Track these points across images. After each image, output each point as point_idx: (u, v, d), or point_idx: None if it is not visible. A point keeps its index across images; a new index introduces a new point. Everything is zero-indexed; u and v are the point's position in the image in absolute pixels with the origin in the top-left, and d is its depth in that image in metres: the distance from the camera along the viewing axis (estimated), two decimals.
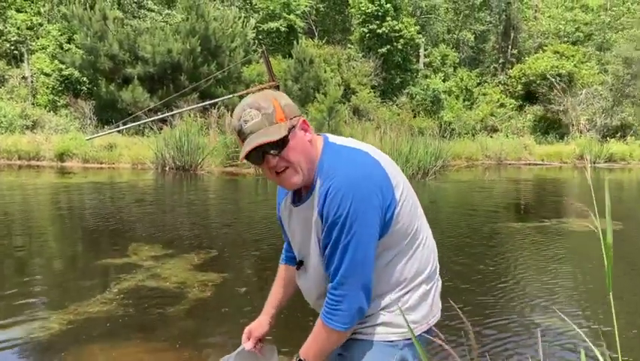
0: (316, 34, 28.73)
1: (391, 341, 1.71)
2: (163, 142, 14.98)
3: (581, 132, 24.05)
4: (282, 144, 1.59)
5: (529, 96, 27.07)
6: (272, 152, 1.60)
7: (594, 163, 20.44)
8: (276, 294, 2.06)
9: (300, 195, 1.74)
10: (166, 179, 14.00)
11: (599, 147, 20.90)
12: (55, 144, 15.96)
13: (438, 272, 1.84)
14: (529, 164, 20.53)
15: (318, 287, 1.77)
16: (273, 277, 2.11)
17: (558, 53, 27.24)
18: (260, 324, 2.04)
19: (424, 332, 1.75)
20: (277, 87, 13.74)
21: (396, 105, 25.58)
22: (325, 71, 22.72)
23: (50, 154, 15.85)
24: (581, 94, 25.13)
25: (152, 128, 16.40)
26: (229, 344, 3.88)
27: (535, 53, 28.91)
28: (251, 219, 8.68)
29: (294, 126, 1.62)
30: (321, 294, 1.74)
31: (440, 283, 1.85)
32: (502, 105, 27.29)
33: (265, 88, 14.12)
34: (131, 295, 4.68)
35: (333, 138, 1.73)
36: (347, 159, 1.64)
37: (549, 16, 32.78)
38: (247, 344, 2.00)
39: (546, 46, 29.06)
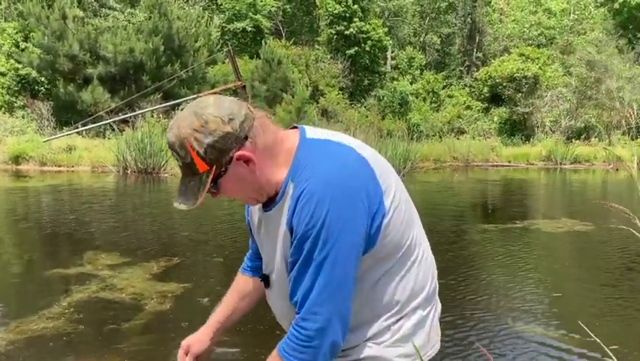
0: (284, 34, 28.42)
1: None
2: (124, 144, 14.42)
3: (546, 134, 24.28)
4: (214, 190, 1.34)
5: (494, 98, 27.25)
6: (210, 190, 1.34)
7: (560, 164, 20.63)
8: (226, 307, 1.73)
9: (272, 199, 1.41)
10: (127, 182, 13.48)
11: (565, 149, 21.09)
12: (9, 147, 15.22)
13: (437, 293, 1.53)
14: (497, 165, 20.60)
15: (289, 311, 1.44)
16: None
17: (523, 55, 27.51)
18: (199, 339, 1.71)
19: None
20: (244, 87, 13.40)
21: (365, 107, 25.45)
22: (293, 72, 22.41)
23: (4, 157, 15.11)
24: (546, 96, 25.41)
25: (113, 130, 15.82)
26: None
27: (501, 55, 29.16)
28: (215, 224, 8.31)
29: (223, 170, 1.31)
30: (292, 314, 1.43)
31: (440, 306, 1.54)
32: (468, 107, 27.42)
33: (231, 88, 13.75)
34: (82, 309, 4.28)
35: (311, 132, 1.41)
36: (325, 156, 1.32)
37: (514, 20, 33.15)
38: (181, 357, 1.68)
39: (511, 49, 29.35)
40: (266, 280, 1.52)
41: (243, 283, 1.73)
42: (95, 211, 9.27)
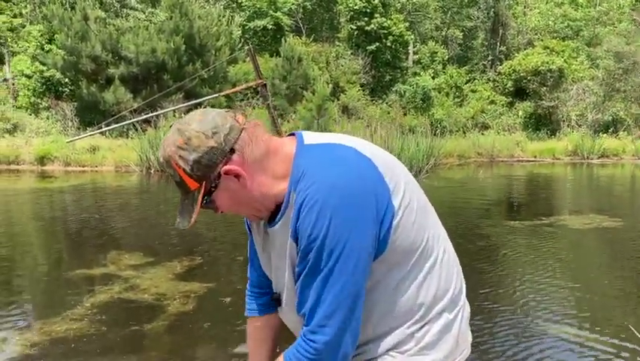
0: (304, 32, 28.31)
1: None
2: (147, 144, 14.50)
3: (572, 128, 23.82)
4: (209, 206, 1.31)
5: (519, 93, 26.81)
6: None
7: (587, 159, 20.22)
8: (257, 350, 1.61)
9: (275, 214, 1.33)
10: (151, 182, 13.55)
11: (592, 143, 20.66)
12: (35, 148, 15.43)
13: (464, 295, 1.42)
14: (522, 161, 20.27)
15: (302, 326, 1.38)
16: None
17: (548, 48, 27.02)
18: None
19: None
20: (264, 86, 13.35)
21: (386, 103, 25.25)
22: (313, 70, 22.32)
23: (30, 158, 15.31)
24: (572, 89, 24.92)
25: (136, 130, 15.92)
26: None
27: (525, 49, 28.68)
28: (238, 223, 8.27)
29: (214, 186, 1.25)
30: None
31: (468, 308, 1.43)
32: (492, 102, 27.03)
33: (252, 86, 13.74)
34: (105, 310, 4.26)
35: (309, 138, 1.32)
36: (326, 161, 1.24)
37: (539, 12, 32.56)
38: None
39: (535, 42, 28.86)
40: (276, 298, 1.46)
41: (259, 331, 1.60)
42: (118, 211, 9.31)
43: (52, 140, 15.93)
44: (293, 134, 1.35)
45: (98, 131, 14.54)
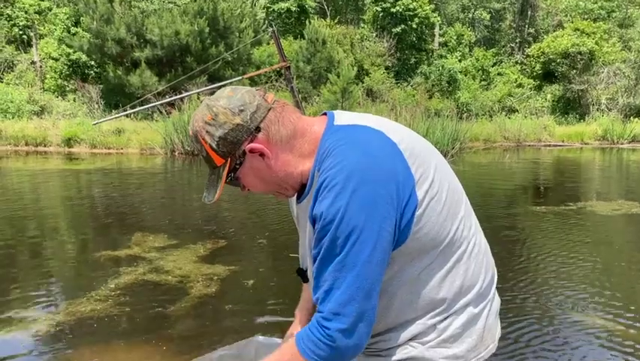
0: (328, 13, 28.06)
1: None
2: (172, 126, 14.59)
3: (602, 112, 23.27)
4: (234, 184, 1.32)
5: (547, 76, 26.27)
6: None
7: (616, 144, 19.77)
8: (301, 316, 1.68)
9: (302, 191, 1.32)
10: (175, 164, 13.63)
11: (622, 127, 20.17)
12: (62, 130, 15.64)
13: (494, 289, 1.37)
14: (549, 145, 19.90)
15: None
16: (285, 268, 1.70)
17: (578, 30, 26.33)
18: None
19: None
20: (288, 68, 13.28)
21: (411, 86, 24.96)
22: (338, 52, 22.13)
23: (57, 140, 15.54)
24: (603, 72, 24.31)
25: (160, 113, 16.02)
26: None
27: (554, 31, 28.02)
28: (263, 207, 8.27)
29: (239, 163, 1.25)
30: None
31: (498, 301, 1.38)
32: (519, 85, 26.55)
33: (276, 69, 13.67)
34: (129, 292, 4.29)
35: (339, 118, 1.29)
36: (351, 143, 1.20)
37: None
38: None
39: (565, 23, 28.15)
40: (303, 274, 1.45)
41: (305, 293, 1.68)
42: (143, 193, 9.39)
43: (78, 122, 16.12)
44: (325, 114, 1.33)
45: (124, 113, 14.66)
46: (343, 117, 1.29)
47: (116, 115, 13.81)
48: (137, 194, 9.27)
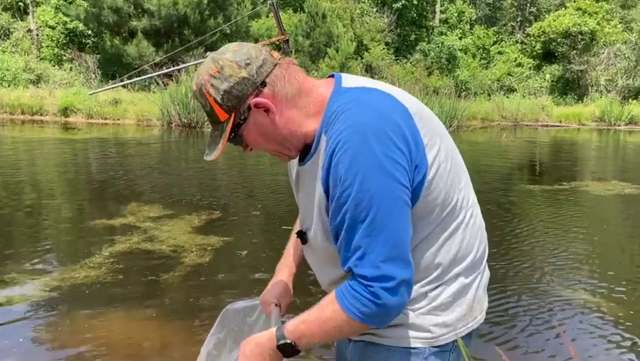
0: None
1: (413, 348, 1.28)
2: (169, 98, 14.51)
3: (600, 93, 23.20)
4: (236, 141, 1.28)
5: (547, 56, 26.12)
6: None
7: (614, 125, 19.76)
8: (294, 250, 1.63)
9: (306, 153, 1.29)
10: (172, 136, 13.60)
11: (620, 109, 20.14)
12: (58, 99, 15.54)
13: (485, 262, 1.37)
14: (547, 125, 19.89)
15: (328, 270, 1.34)
16: (278, 239, 1.69)
17: (581, 9, 26.12)
18: (285, 292, 1.58)
19: (463, 338, 1.31)
20: (287, 41, 13.16)
21: (410, 63, 24.80)
22: (337, 27, 21.92)
23: (54, 109, 15.45)
24: (603, 53, 24.18)
25: (157, 84, 15.92)
26: None
27: (556, 10, 27.77)
28: (258, 180, 8.30)
29: (243, 119, 1.23)
30: (335, 280, 1.31)
31: (487, 275, 1.39)
32: (519, 65, 26.41)
33: (275, 42, 13.53)
34: (122, 260, 4.32)
35: (348, 81, 1.27)
36: (362, 105, 1.18)
37: None
38: (276, 311, 1.52)
39: (567, 2, 27.89)
40: (302, 236, 1.40)
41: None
42: (139, 164, 9.39)
43: (75, 92, 16.02)
44: (332, 76, 1.31)
45: (121, 84, 14.58)
46: (351, 80, 1.28)
47: (113, 85, 13.74)
48: (133, 164, 9.27)
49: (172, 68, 12.75)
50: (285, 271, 1.62)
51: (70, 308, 3.47)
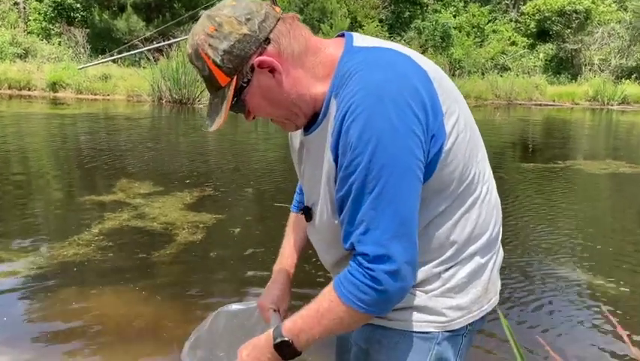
0: None
1: (426, 333, 1.20)
2: (159, 73, 14.27)
3: (594, 73, 23.13)
4: (239, 108, 1.15)
5: (541, 34, 25.91)
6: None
7: (607, 105, 19.74)
8: (291, 249, 1.51)
9: (312, 120, 1.19)
10: (162, 112, 13.42)
11: (613, 89, 20.10)
12: (47, 74, 15.25)
13: (500, 241, 1.29)
14: (540, 104, 19.83)
15: (334, 250, 1.23)
16: (271, 216, 1.60)
17: None
18: (283, 295, 1.46)
19: (476, 322, 1.24)
20: None
21: (404, 40, 24.55)
22: (331, 2, 21.60)
23: (42, 84, 15.17)
24: (597, 32, 24.04)
25: (148, 59, 15.66)
26: (216, 293, 3.49)
27: None
28: (249, 156, 8.20)
29: (245, 82, 1.10)
30: (340, 260, 1.22)
31: (502, 254, 1.31)
32: (513, 43, 26.22)
33: None
34: (113, 237, 4.24)
35: (359, 40, 1.16)
36: (376, 65, 1.07)
37: None
38: (275, 316, 1.41)
39: None
40: (307, 212, 1.30)
41: (298, 223, 1.51)
42: (129, 140, 9.25)
43: (63, 66, 15.72)
44: (342, 35, 1.19)
45: (110, 58, 14.34)
46: (363, 39, 1.16)
47: (103, 60, 13.51)
48: (124, 141, 9.13)
49: (162, 43, 12.53)
50: (282, 273, 1.50)
51: (59, 286, 3.39)
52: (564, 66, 24.78)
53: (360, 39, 1.16)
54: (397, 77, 1.05)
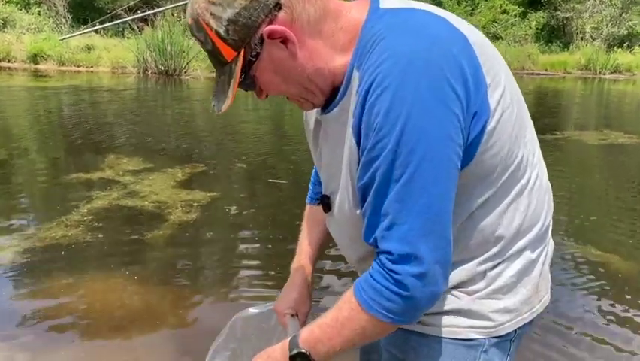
0: None
1: (470, 340, 1.04)
2: (145, 44, 13.85)
3: (586, 41, 22.93)
4: (249, 85, 0.98)
5: (533, 2, 25.59)
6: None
7: (599, 74, 19.61)
8: (308, 246, 1.35)
9: (331, 97, 1.01)
10: (148, 84, 13.06)
11: (605, 57, 19.95)
12: (27, 45, 14.75)
13: (550, 232, 1.12)
14: (532, 74, 19.64)
15: (357, 245, 1.05)
16: (266, 193, 1.41)
17: None
18: (304, 299, 1.31)
19: (525, 325, 1.08)
20: None
21: None
22: None
23: (22, 55, 14.68)
24: (589, 0, 23.77)
25: (132, 29, 15.20)
26: (214, 276, 3.32)
27: None
28: (238, 128, 7.95)
29: (254, 56, 0.93)
30: (365, 256, 1.05)
31: (552, 245, 1.14)
32: (504, 11, 25.86)
33: None
34: (103, 217, 4.03)
35: (386, 1, 0.97)
36: (406, 30, 0.89)
37: None
38: (293, 322, 1.26)
39: None
40: (325, 202, 1.13)
41: (315, 217, 1.34)
42: (116, 114, 8.95)
43: (44, 37, 15.20)
44: None
45: (93, 29, 13.90)
46: (391, 0, 0.98)
47: (85, 30, 13.07)
48: (110, 115, 8.83)
49: (147, 12, 12.10)
50: (299, 273, 1.33)
51: (47, 272, 3.20)
52: (556, 35, 24.54)
53: (386, 0, 0.97)
54: (432, 44, 0.87)
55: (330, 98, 1.00)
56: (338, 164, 1.02)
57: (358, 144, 0.92)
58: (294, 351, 1.00)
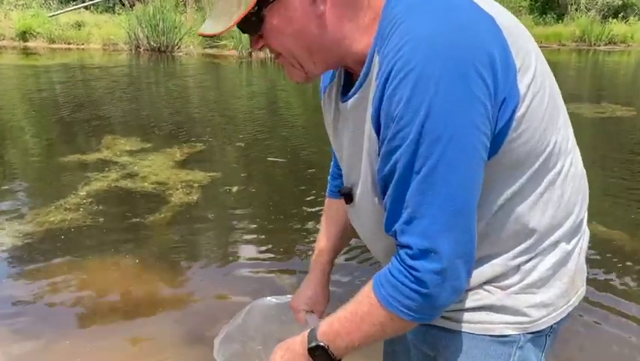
0: None
1: (504, 336, 1.00)
2: (136, 20, 13.60)
3: (580, 12, 22.75)
4: (254, 24, 0.87)
5: None
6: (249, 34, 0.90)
7: (594, 45, 19.49)
8: (327, 242, 1.31)
9: (350, 83, 0.95)
10: (141, 61, 12.85)
11: (600, 28, 19.81)
12: (15, 22, 14.45)
13: (585, 221, 1.08)
14: None
15: (380, 239, 1.01)
16: (267, 172, 1.37)
17: None
18: (322, 297, 1.30)
19: (562, 319, 1.04)
20: None
21: None
22: None
23: (11, 33, 14.39)
24: None
25: (123, 5, 14.93)
26: (218, 259, 3.29)
27: None
28: (233, 104, 7.86)
29: None
30: (390, 249, 0.98)
31: (588, 235, 1.10)
32: None
33: None
34: (102, 200, 3.98)
35: None
36: (429, 11, 0.83)
37: None
38: (311, 316, 1.26)
39: None
40: (347, 194, 1.08)
41: (335, 211, 1.30)
42: (110, 92, 8.81)
43: (33, 14, 14.89)
44: None
45: (82, 5, 13.62)
46: None
47: (75, 7, 12.82)
48: (103, 93, 8.70)
49: None
50: (316, 270, 1.30)
51: (46, 257, 3.17)
52: (550, 6, 24.32)
53: None
54: (455, 25, 0.82)
55: (349, 84, 0.95)
56: (359, 154, 0.97)
57: (378, 133, 0.88)
58: (313, 343, 0.97)
